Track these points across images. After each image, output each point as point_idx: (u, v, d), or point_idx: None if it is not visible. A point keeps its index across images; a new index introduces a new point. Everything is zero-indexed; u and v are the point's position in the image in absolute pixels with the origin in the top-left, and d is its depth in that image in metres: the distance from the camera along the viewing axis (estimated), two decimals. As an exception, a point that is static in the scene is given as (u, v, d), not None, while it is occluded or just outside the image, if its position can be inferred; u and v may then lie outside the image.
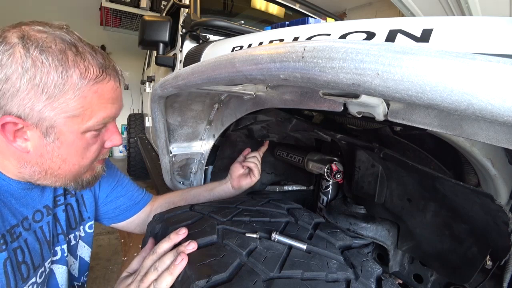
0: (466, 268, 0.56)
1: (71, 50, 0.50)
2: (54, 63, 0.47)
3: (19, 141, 0.51)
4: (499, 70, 0.23)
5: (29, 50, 0.46)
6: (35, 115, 0.48)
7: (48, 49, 0.47)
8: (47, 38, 0.48)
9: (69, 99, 0.49)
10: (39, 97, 0.47)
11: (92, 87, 0.52)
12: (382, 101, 0.48)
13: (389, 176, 0.67)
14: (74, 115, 0.51)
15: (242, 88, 0.77)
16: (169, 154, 1.04)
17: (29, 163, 0.54)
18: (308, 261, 0.53)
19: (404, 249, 0.71)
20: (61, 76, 0.48)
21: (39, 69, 0.47)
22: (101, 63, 0.53)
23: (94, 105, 0.53)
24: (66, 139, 0.53)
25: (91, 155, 0.60)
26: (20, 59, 0.46)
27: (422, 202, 0.63)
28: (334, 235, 0.66)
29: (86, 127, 0.54)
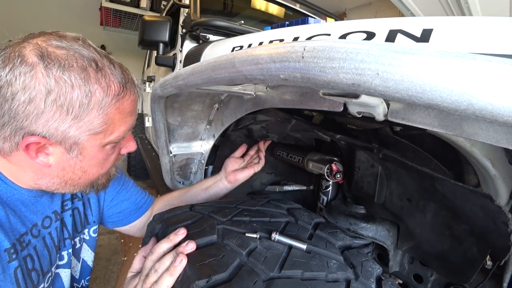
0: (466, 268, 0.56)
1: (92, 66, 0.50)
2: (77, 82, 0.47)
3: (41, 157, 0.52)
4: (499, 70, 0.23)
5: (52, 70, 0.46)
6: (59, 134, 0.49)
7: (70, 68, 0.47)
8: (67, 56, 0.48)
9: (94, 118, 0.50)
10: (65, 118, 0.48)
11: (115, 104, 0.52)
12: (382, 101, 0.48)
13: (389, 176, 0.67)
14: (97, 132, 0.53)
15: (242, 88, 0.77)
16: (169, 154, 1.04)
17: (49, 175, 0.55)
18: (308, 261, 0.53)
19: (404, 249, 0.71)
20: (85, 95, 0.48)
21: (63, 89, 0.46)
22: (121, 78, 0.54)
23: (116, 121, 0.54)
24: (88, 153, 0.55)
25: (109, 164, 0.62)
26: (43, 80, 0.45)
27: (422, 202, 0.63)
28: (334, 235, 0.66)
29: (108, 141, 0.55)
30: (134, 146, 0.66)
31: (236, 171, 0.92)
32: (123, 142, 0.64)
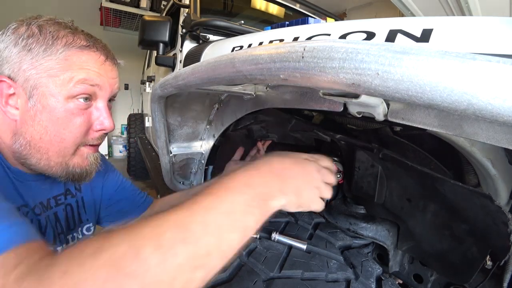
0: (466, 268, 0.56)
1: (66, 29, 0.55)
2: (46, 33, 0.53)
3: (9, 108, 0.54)
4: (499, 70, 0.23)
5: (30, 26, 0.53)
6: (21, 74, 0.52)
7: (45, 24, 0.54)
8: (49, 21, 0.55)
9: (51, 60, 0.52)
10: (25, 58, 0.52)
11: (76, 51, 0.54)
12: (382, 101, 0.48)
13: (389, 176, 0.67)
14: (54, 75, 0.53)
15: (242, 88, 0.77)
16: (169, 154, 1.04)
17: (17, 135, 0.55)
18: (308, 261, 0.53)
19: (404, 249, 0.71)
20: (47, 42, 0.53)
21: (31, 38, 0.52)
22: (92, 40, 0.57)
23: (75, 67, 0.54)
24: (47, 102, 0.53)
25: (75, 129, 0.56)
26: (21, 32, 0.53)
27: (422, 202, 0.63)
28: (334, 235, 0.66)
29: (67, 91, 0.53)
30: (109, 123, 0.60)
31: None
32: (95, 114, 0.59)
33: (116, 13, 4.25)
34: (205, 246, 0.34)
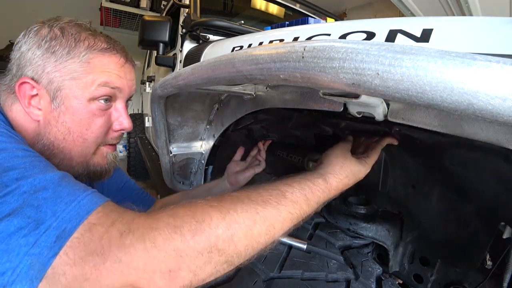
0: (472, 252, 0.56)
1: (86, 31, 0.57)
2: (68, 36, 0.54)
3: (32, 108, 0.54)
4: (499, 70, 0.23)
5: (52, 28, 0.54)
6: (45, 76, 0.53)
7: (67, 27, 0.55)
8: (70, 23, 0.57)
9: (74, 63, 0.54)
10: (49, 60, 0.53)
11: (97, 54, 0.56)
12: (382, 101, 0.48)
13: (393, 163, 0.67)
14: (77, 78, 0.54)
15: (242, 88, 0.77)
16: (169, 154, 1.04)
17: (39, 135, 0.56)
18: (308, 261, 0.53)
19: (408, 240, 0.70)
20: (70, 44, 0.54)
21: (54, 40, 0.53)
22: (111, 42, 0.59)
23: (97, 70, 0.55)
24: (71, 104, 0.55)
25: (96, 129, 0.59)
26: (43, 34, 0.54)
27: (427, 187, 0.63)
28: (334, 235, 0.66)
29: (90, 93, 0.55)
30: (128, 123, 0.63)
31: (237, 173, 0.92)
32: (115, 115, 0.62)
33: (116, 13, 4.25)
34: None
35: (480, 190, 0.53)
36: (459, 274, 0.63)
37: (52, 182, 0.38)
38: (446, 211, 0.61)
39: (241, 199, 0.42)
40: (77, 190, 0.39)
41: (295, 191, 0.47)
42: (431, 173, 0.60)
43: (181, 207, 0.40)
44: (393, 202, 0.69)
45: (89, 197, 0.38)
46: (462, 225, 0.58)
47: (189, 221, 0.37)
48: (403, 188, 0.66)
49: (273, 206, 0.43)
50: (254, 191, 0.46)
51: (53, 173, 0.40)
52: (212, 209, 0.39)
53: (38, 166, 0.40)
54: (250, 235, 0.40)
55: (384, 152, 0.67)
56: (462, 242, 0.58)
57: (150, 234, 0.35)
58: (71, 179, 0.42)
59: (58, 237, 0.33)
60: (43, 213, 0.34)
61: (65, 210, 0.35)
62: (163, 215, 0.38)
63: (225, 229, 0.38)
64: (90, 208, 0.36)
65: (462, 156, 0.52)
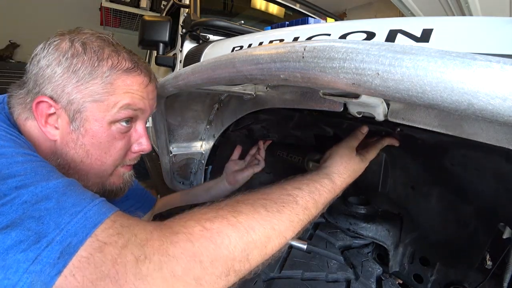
0: (471, 253, 0.56)
1: (109, 47, 0.54)
2: (90, 53, 0.51)
3: (49, 127, 0.52)
4: (499, 70, 0.23)
5: (73, 43, 0.51)
6: (65, 96, 0.51)
7: (89, 42, 0.52)
8: (91, 36, 0.54)
9: (96, 84, 0.51)
10: (70, 80, 0.50)
11: (121, 75, 0.53)
12: (382, 101, 0.48)
13: (393, 164, 0.67)
14: (99, 100, 0.51)
15: (242, 88, 0.77)
16: (169, 154, 1.04)
17: (55, 155, 0.53)
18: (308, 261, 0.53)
19: (407, 241, 0.70)
20: (93, 63, 0.51)
21: (76, 58, 0.50)
22: (135, 60, 0.56)
23: (119, 92, 0.53)
24: (91, 127, 0.52)
25: (115, 153, 0.57)
26: (64, 49, 0.51)
27: (426, 188, 0.63)
28: (334, 235, 0.66)
29: (112, 116, 0.53)
30: (147, 144, 0.61)
31: (236, 172, 0.92)
32: (134, 136, 0.59)
33: (116, 13, 4.25)
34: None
35: (479, 191, 0.53)
36: (459, 274, 0.63)
37: (56, 191, 0.35)
38: (446, 212, 0.61)
39: (257, 210, 0.41)
40: (83, 200, 0.36)
41: (305, 195, 0.47)
42: (431, 173, 0.60)
43: (196, 222, 0.38)
44: (393, 202, 0.70)
45: (96, 207, 0.35)
46: (461, 226, 0.58)
47: (207, 245, 0.35)
48: (403, 189, 0.66)
49: (287, 217, 0.43)
50: (268, 197, 0.45)
51: (57, 181, 0.37)
52: (230, 228, 0.38)
53: (41, 173, 0.37)
54: (264, 252, 0.40)
55: (385, 152, 0.67)
56: (461, 242, 0.58)
57: (168, 263, 0.33)
58: (78, 187, 0.39)
59: (62, 253, 0.30)
60: (45, 225, 0.31)
61: (70, 222, 0.32)
62: (180, 237, 0.35)
63: (242, 250, 0.37)
64: (97, 220, 0.34)
65: (463, 156, 0.52)
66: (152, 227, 0.36)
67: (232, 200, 0.44)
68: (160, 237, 0.35)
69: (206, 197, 0.92)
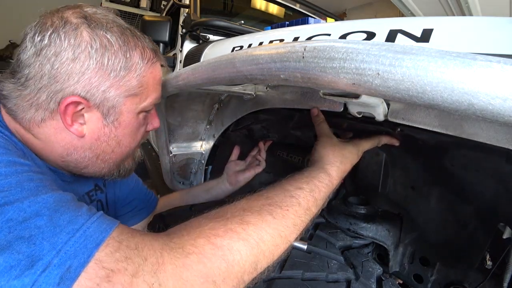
0: (471, 253, 0.56)
1: (128, 31, 0.51)
2: (119, 42, 0.48)
3: (76, 125, 0.49)
4: (499, 70, 0.23)
5: (95, 30, 0.46)
6: (100, 95, 0.48)
7: (111, 29, 0.48)
8: (107, 20, 0.49)
9: (132, 78, 0.50)
10: (106, 77, 0.47)
11: (149, 68, 0.53)
12: (383, 101, 0.48)
13: (393, 164, 0.67)
14: (134, 94, 0.51)
15: (242, 88, 0.77)
16: (169, 154, 1.04)
17: (81, 149, 0.51)
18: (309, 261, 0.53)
19: (407, 241, 0.70)
20: (125, 56, 0.49)
21: (107, 49, 0.47)
22: (152, 46, 0.55)
23: (149, 85, 0.54)
24: (124, 119, 0.52)
25: (139, 137, 0.59)
26: (89, 38, 0.46)
27: (426, 188, 0.63)
28: (335, 235, 0.66)
29: (142, 107, 0.54)
30: (158, 122, 0.63)
31: (237, 172, 0.92)
32: (149, 117, 0.61)
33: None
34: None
35: (479, 191, 0.53)
36: (459, 274, 0.63)
37: (47, 207, 0.32)
38: (446, 212, 0.61)
39: (265, 219, 0.41)
40: (80, 216, 0.33)
41: (307, 194, 0.47)
42: (431, 173, 0.60)
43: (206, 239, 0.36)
44: (393, 203, 0.70)
45: (96, 224, 0.32)
46: (461, 226, 0.58)
47: (219, 264, 0.34)
48: (402, 189, 0.66)
49: (291, 221, 0.43)
50: (272, 201, 0.44)
51: (46, 195, 0.33)
52: (240, 243, 0.37)
53: (28, 187, 0.33)
54: (271, 259, 0.40)
55: (385, 153, 0.67)
56: (460, 243, 0.58)
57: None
58: (70, 201, 0.35)
59: (62, 278, 0.27)
60: (38, 246, 0.28)
61: (68, 242, 0.29)
62: (192, 259, 0.33)
63: (252, 262, 0.37)
64: (98, 239, 0.30)
65: (463, 156, 0.52)
66: (160, 246, 0.34)
67: (238, 208, 0.43)
68: (172, 259, 0.32)
69: (206, 197, 0.92)
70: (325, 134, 0.59)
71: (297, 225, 0.44)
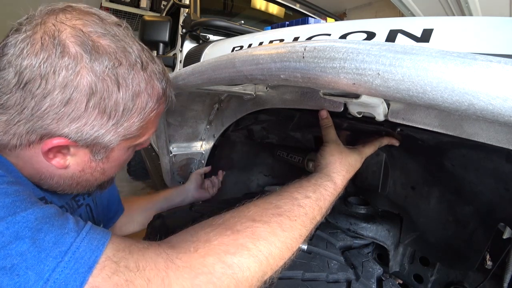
0: (470, 254, 0.56)
1: (137, 65, 0.43)
2: (125, 82, 0.40)
3: (59, 158, 0.43)
4: (500, 70, 0.23)
5: (99, 67, 0.38)
6: (92, 139, 0.42)
7: (119, 66, 0.40)
8: (116, 50, 0.40)
9: (134, 123, 0.44)
10: (105, 123, 0.41)
11: (156, 109, 0.48)
12: (383, 101, 0.48)
13: (393, 164, 0.67)
14: (130, 138, 0.47)
15: (242, 88, 0.77)
16: (169, 154, 1.04)
17: (60, 177, 0.46)
18: (309, 262, 0.53)
19: (406, 242, 0.70)
20: (130, 98, 0.42)
21: (109, 91, 0.39)
22: (161, 79, 0.47)
23: (149, 124, 0.49)
24: (113, 156, 0.49)
25: (126, 163, 0.56)
26: (89, 78, 0.37)
27: (426, 189, 0.63)
28: (335, 235, 0.66)
29: (136, 144, 0.50)
30: (149, 141, 0.58)
31: (201, 189, 1.01)
32: None
33: (116, 13, 4.25)
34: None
35: (479, 191, 0.53)
36: (459, 274, 0.63)
37: (28, 226, 0.27)
38: (445, 213, 0.61)
39: (275, 232, 0.40)
40: (66, 233, 0.28)
41: (313, 203, 0.47)
42: (431, 174, 0.60)
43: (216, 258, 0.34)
44: (393, 204, 0.69)
45: (86, 241, 0.28)
46: (461, 227, 0.58)
47: (229, 282, 0.33)
48: (402, 190, 0.66)
49: (298, 232, 0.43)
50: (281, 211, 0.43)
51: (26, 212, 0.28)
52: (251, 260, 0.36)
53: (2, 204, 0.28)
54: (276, 269, 0.40)
55: (385, 153, 0.67)
56: (460, 244, 0.58)
57: None
58: (53, 215, 0.31)
59: None
60: (22, 278, 0.24)
61: (56, 268, 0.25)
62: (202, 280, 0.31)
63: (260, 276, 0.37)
64: (91, 260, 0.27)
65: (464, 156, 0.52)
66: (164, 264, 0.31)
67: (248, 218, 0.41)
68: (179, 280, 0.30)
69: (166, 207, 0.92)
70: (332, 140, 0.59)
71: (303, 235, 0.44)
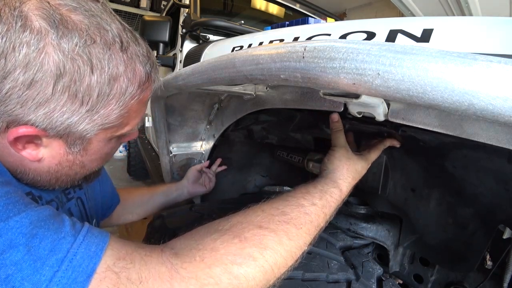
0: (470, 256, 0.56)
1: (116, 44, 0.37)
2: (99, 63, 0.35)
3: (30, 149, 0.39)
4: (500, 70, 0.23)
5: (67, 44, 0.33)
6: (64, 127, 0.37)
7: (92, 44, 0.34)
8: (88, 26, 0.35)
9: (111, 111, 0.39)
10: (77, 109, 0.36)
11: (138, 95, 0.42)
12: (383, 101, 0.48)
13: (394, 166, 0.67)
14: (110, 127, 0.42)
15: (242, 88, 0.77)
16: (169, 154, 1.04)
17: (35, 171, 0.42)
18: (309, 262, 0.53)
19: (406, 244, 0.70)
20: (107, 82, 0.36)
21: (80, 72, 0.34)
22: (146, 62, 0.42)
23: (132, 113, 0.43)
24: (92, 148, 0.44)
25: (110, 157, 0.52)
26: (55, 57, 0.32)
27: (426, 191, 0.63)
28: (335, 235, 0.66)
29: (118, 135, 0.45)
30: (137, 133, 0.53)
31: (196, 184, 0.99)
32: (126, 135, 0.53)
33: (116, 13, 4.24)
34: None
35: (479, 193, 0.53)
36: (459, 274, 0.63)
37: (22, 232, 0.25)
38: (445, 215, 0.61)
39: (281, 241, 0.39)
40: (63, 238, 0.27)
41: (318, 211, 0.46)
42: (432, 176, 0.60)
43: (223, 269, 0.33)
44: (393, 206, 0.69)
45: (84, 246, 0.27)
46: (460, 229, 0.58)
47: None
48: (402, 192, 0.66)
49: (303, 240, 0.43)
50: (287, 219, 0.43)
51: (19, 216, 0.27)
52: (257, 270, 0.36)
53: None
54: (279, 277, 0.40)
55: (385, 155, 0.67)
56: (459, 246, 0.58)
57: None
58: (48, 217, 0.29)
59: None
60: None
61: (53, 279, 0.24)
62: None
63: (264, 285, 0.37)
64: (90, 268, 0.26)
65: (464, 157, 0.52)
66: (168, 274, 0.30)
67: (254, 225, 0.40)
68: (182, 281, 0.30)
69: (165, 202, 0.93)
70: (341, 145, 0.58)
71: (307, 243, 0.44)
